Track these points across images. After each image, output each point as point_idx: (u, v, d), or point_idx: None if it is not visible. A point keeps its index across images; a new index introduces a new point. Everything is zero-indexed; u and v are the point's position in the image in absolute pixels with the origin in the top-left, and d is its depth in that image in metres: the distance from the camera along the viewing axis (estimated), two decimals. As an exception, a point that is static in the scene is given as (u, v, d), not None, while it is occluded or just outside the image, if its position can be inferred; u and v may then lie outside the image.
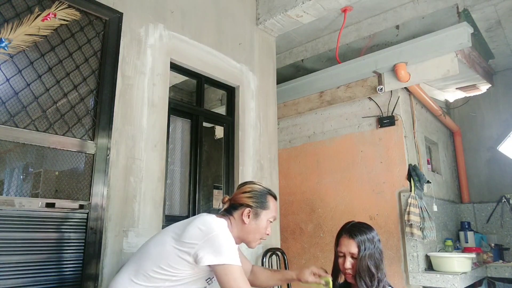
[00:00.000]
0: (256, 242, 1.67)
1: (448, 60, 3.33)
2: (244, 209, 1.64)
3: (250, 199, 1.66)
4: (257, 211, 1.65)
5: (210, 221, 1.53)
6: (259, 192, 1.70)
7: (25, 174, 2.04)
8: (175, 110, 2.86)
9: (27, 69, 2.02)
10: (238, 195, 1.69)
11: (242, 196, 1.67)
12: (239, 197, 1.68)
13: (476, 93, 4.21)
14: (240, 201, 1.66)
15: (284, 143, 4.41)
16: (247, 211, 1.63)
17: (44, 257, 1.93)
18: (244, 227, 1.63)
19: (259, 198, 1.68)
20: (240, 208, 1.65)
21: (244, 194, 1.67)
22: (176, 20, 2.86)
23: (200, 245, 1.45)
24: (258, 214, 1.65)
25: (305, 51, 4.62)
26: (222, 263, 1.44)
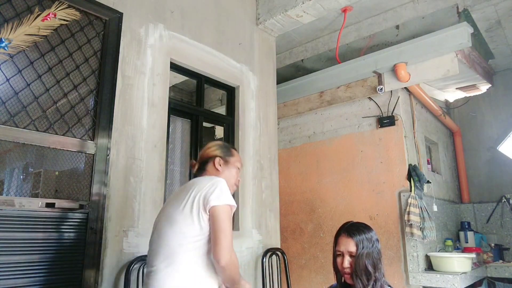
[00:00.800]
0: (232, 188, 1.80)
1: (448, 60, 3.33)
2: (215, 159, 1.80)
3: (217, 151, 1.84)
4: (226, 159, 1.82)
5: (207, 177, 1.72)
6: (221, 144, 1.90)
7: (25, 174, 2.04)
8: (175, 110, 2.86)
9: (27, 69, 2.02)
10: (205, 152, 1.86)
11: (208, 151, 1.85)
12: (206, 153, 1.85)
13: (476, 93, 4.21)
14: (209, 155, 1.83)
15: (284, 143, 4.41)
16: (218, 160, 1.80)
17: (44, 257, 1.93)
18: (219, 175, 1.76)
19: (223, 148, 1.87)
20: (210, 161, 1.81)
21: (210, 150, 1.85)
22: (176, 20, 2.86)
23: (208, 189, 1.58)
24: (227, 161, 1.83)
25: (305, 51, 4.62)
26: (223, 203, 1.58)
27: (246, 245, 3.05)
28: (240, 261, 2.95)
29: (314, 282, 3.86)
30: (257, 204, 3.25)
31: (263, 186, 3.35)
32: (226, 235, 1.49)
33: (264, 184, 3.38)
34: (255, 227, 3.18)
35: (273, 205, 3.44)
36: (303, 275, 3.95)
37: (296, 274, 3.96)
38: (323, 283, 3.76)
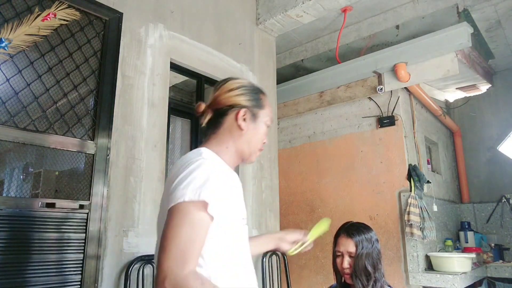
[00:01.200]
0: (257, 154, 1.28)
1: (448, 60, 3.33)
2: (238, 110, 1.20)
3: (243, 97, 1.22)
4: (254, 111, 1.23)
5: (190, 154, 1.17)
6: (251, 87, 1.28)
7: (25, 174, 2.04)
8: (175, 110, 2.86)
9: (27, 69, 2.02)
10: (223, 95, 1.22)
11: (229, 95, 1.21)
12: (225, 97, 1.21)
13: (476, 93, 4.21)
14: (229, 102, 1.21)
15: (284, 143, 4.41)
16: (243, 113, 1.20)
17: (44, 257, 1.93)
18: (242, 136, 1.20)
19: (253, 94, 1.25)
20: (231, 112, 1.20)
21: (232, 92, 1.22)
22: (176, 20, 2.86)
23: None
24: (256, 115, 1.23)
25: (305, 51, 4.61)
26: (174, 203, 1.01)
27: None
28: (240, 261, 2.94)
29: (314, 282, 3.86)
30: (257, 204, 3.25)
31: (263, 186, 3.35)
32: (175, 244, 0.94)
33: (264, 184, 3.37)
34: (255, 227, 3.18)
35: (273, 205, 3.44)
36: (303, 275, 3.95)
37: (296, 274, 3.96)
38: (323, 283, 3.76)
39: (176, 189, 1.00)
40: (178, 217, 0.97)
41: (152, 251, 2.35)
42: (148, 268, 2.32)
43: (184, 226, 0.95)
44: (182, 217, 0.96)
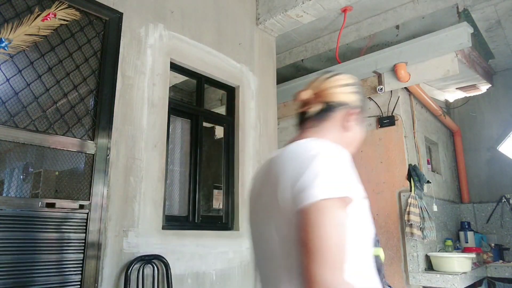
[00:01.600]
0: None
1: (448, 60, 3.33)
2: (350, 110, 1.07)
3: (355, 96, 1.09)
4: (361, 114, 1.11)
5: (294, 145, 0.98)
6: (360, 86, 1.14)
7: (25, 174, 2.04)
8: (175, 110, 2.86)
9: (27, 69, 2.02)
10: (335, 89, 1.08)
11: (343, 91, 1.08)
12: (337, 92, 1.08)
13: (476, 93, 4.22)
14: (341, 98, 1.07)
15: (284, 143, 4.37)
16: (354, 114, 1.08)
17: (44, 257, 1.93)
18: (345, 137, 1.09)
19: (362, 96, 1.12)
20: (340, 109, 1.07)
21: (345, 89, 1.08)
22: (176, 20, 2.86)
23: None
24: (361, 118, 1.11)
25: (305, 51, 4.61)
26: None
27: (246, 245, 3.05)
28: (240, 261, 2.95)
29: (314, 282, 3.86)
30: (257, 204, 3.25)
31: (263, 186, 3.35)
32: (326, 249, 0.79)
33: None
34: (255, 227, 3.18)
35: (273, 205, 3.43)
36: (303, 275, 3.94)
37: (296, 274, 3.95)
38: (323, 283, 3.76)
39: (307, 185, 0.83)
40: (322, 217, 0.81)
41: (152, 251, 2.36)
42: (148, 268, 2.32)
43: (331, 227, 0.81)
44: (326, 216, 0.81)
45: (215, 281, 2.73)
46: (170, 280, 2.37)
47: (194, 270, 2.61)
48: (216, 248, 2.79)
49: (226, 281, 2.81)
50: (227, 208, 3.10)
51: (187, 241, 2.61)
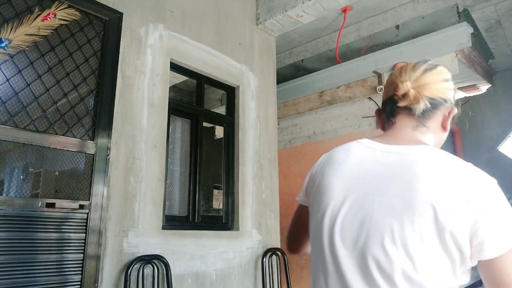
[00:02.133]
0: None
1: (448, 60, 3.33)
2: (452, 109, 0.98)
3: (454, 93, 1.00)
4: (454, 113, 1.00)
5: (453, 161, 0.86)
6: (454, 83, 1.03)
7: (25, 174, 2.04)
8: (175, 110, 2.86)
9: (27, 69, 2.02)
10: (438, 84, 0.96)
11: (446, 87, 0.97)
12: (441, 88, 0.96)
13: (476, 93, 4.21)
14: (444, 95, 0.96)
15: (284, 143, 4.41)
16: (455, 113, 0.99)
17: (44, 257, 1.93)
18: (441, 137, 1.02)
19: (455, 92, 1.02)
20: (442, 107, 0.96)
21: (448, 84, 0.98)
22: (176, 20, 2.86)
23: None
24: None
25: (305, 51, 4.62)
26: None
27: (246, 245, 3.05)
28: (240, 261, 2.95)
29: (314, 282, 3.85)
30: (257, 204, 3.25)
31: (263, 186, 3.35)
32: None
33: (264, 184, 3.37)
34: (255, 227, 3.18)
35: (273, 205, 3.44)
36: (303, 275, 3.95)
37: (296, 274, 3.96)
38: (323, 283, 3.75)
39: (504, 229, 0.80)
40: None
41: (152, 251, 2.36)
42: (148, 268, 2.32)
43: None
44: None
45: (215, 281, 2.73)
46: (170, 280, 2.37)
47: (194, 270, 2.61)
48: (216, 248, 2.79)
49: (226, 281, 2.81)
50: (227, 208, 3.10)
51: (187, 241, 2.61)
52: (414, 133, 0.96)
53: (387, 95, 1.01)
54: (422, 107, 0.94)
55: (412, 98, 0.93)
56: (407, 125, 0.97)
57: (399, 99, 0.95)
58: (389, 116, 1.00)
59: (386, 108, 1.01)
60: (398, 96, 0.96)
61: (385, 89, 1.03)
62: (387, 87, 1.02)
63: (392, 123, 0.99)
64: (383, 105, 1.03)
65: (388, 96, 1.00)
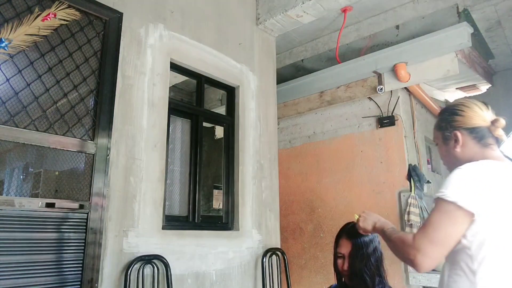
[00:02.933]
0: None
1: (448, 60, 3.33)
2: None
3: None
4: None
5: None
6: None
7: (25, 174, 2.04)
8: (175, 110, 2.86)
9: (27, 69, 2.02)
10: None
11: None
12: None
13: (476, 93, 4.21)
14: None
15: (284, 143, 4.41)
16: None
17: (44, 257, 1.93)
18: None
19: None
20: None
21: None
22: (176, 20, 2.86)
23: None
24: None
25: (305, 51, 4.61)
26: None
27: (246, 245, 3.05)
28: (240, 261, 2.95)
29: (314, 282, 3.86)
30: (257, 204, 3.25)
31: (263, 186, 3.35)
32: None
33: (264, 184, 3.38)
34: (255, 227, 3.18)
35: (273, 205, 3.44)
36: (303, 275, 3.95)
37: (296, 274, 3.96)
38: (323, 283, 3.76)
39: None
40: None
41: (152, 251, 2.36)
42: (148, 268, 2.32)
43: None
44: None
45: (215, 281, 2.73)
46: (170, 280, 2.37)
47: (194, 270, 2.61)
48: (216, 248, 2.79)
49: (226, 281, 2.81)
50: (227, 208, 3.10)
51: (187, 241, 2.61)
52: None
53: (475, 124, 1.28)
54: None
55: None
56: (495, 150, 1.29)
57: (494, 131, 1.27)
58: (491, 144, 1.28)
59: (490, 139, 1.28)
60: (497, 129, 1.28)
61: (471, 117, 1.30)
62: (473, 117, 1.30)
63: (495, 150, 1.28)
64: (471, 130, 1.28)
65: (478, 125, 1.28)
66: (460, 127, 1.28)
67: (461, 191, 1.10)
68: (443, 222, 1.09)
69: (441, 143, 1.35)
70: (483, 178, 1.12)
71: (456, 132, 1.28)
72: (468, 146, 1.27)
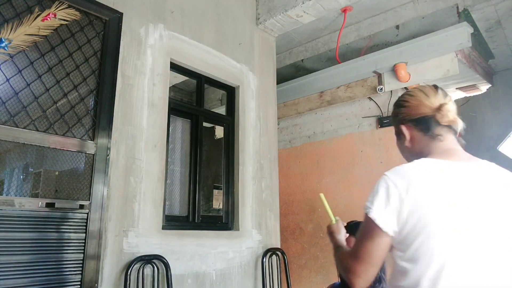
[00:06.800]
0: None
1: (448, 60, 3.33)
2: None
3: None
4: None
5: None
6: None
7: (25, 174, 2.04)
8: (175, 110, 2.86)
9: (27, 69, 2.02)
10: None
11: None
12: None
13: (476, 93, 4.21)
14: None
15: (284, 143, 4.41)
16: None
17: (44, 257, 1.93)
18: None
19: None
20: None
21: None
22: (176, 20, 2.86)
23: None
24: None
25: (305, 51, 4.61)
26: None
27: (246, 245, 3.05)
28: (240, 261, 2.95)
29: (314, 282, 3.86)
30: (257, 204, 3.25)
31: (263, 186, 3.35)
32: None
33: (264, 184, 3.38)
34: (255, 227, 3.18)
35: (273, 205, 3.44)
36: (303, 275, 3.95)
37: (296, 274, 3.96)
38: (323, 283, 3.76)
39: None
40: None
41: (152, 251, 2.36)
42: (148, 268, 2.32)
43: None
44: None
45: (215, 281, 2.73)
46: (170, 280, 2.37)
47: (194, 270, 2.61)
48: (216, 248, 2.79)
49: (226, 281, 2.81)
50: (227, 208, 3.10)
51: (187, 241, 2.61)
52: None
53: (420, 113, 1.13)
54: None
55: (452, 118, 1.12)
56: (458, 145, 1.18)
57: (441, 118, 1.11)
58: (454, 139, 1.18)
59: (453, 134, 1.16)
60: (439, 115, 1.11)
61: (415, 107, 1.14)
62: (417, 106, 1.14)
63: (458, 144, 1.18)
64: (417, 121, 1.14)
65: (423, 114, 1.13)
66: (405, 120, 1.15)
67: (379, 207, 1.01)
68: (364, 238, 1.03)
69: (396, 139, 1.24)
70: (406, 188, 1.00)
71: (401, 126, 1.17)
72: (416, 139, 1.15)
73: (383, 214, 0.99)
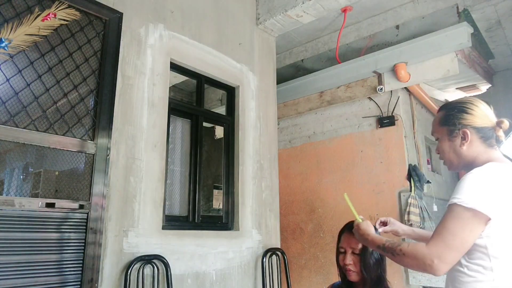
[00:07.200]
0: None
1: (448, 60, 3.33)
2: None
3: None
4: None
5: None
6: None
7: (25, 174, 2.04)
8: (175, 110, 2.86)
9: (27, 69, 2.02)
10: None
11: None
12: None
13: (476, 93, 4.21)
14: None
15: (284, 143, 4.41)
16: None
17: (44, 257, 1.93)
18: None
19: None
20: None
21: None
22: (176, 20, 2.86)
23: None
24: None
25: (305, 51, 4.62)
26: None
27: (246, 245, 3.05)
28: (240, 261, 2.95)
29: (314, 282, 3.86)
30: (257, 204, 3.25)
31: (263, 186, 3.35)
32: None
33: (264, 184, 3.38)
34: (255, 227, 3.18)
35: (273, 205, 3.44)
36: (303, 275, 3.95)
37: (296, 274, 3.96)
38: (323, 283, 3.76)
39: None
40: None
41: (152, 251, 2.36)
42: (148, 268, 2.32)
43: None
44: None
45: (215, 281, 2.73)
46: (170, 280, 2.37)
47: (194, 270, 2.61)
48: (216, 248, 2.79)
49: (226, 281, 2.81)
50: (227, 208, 3.10)
51: (187, 241, 2.61)
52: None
53: (484, 124, 1.29)
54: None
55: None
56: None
57: (497, 131, 1.29)
58: (495, 145, 1.30)
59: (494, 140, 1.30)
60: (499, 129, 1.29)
61: (480, 117, 1.30)
62: (483, 117, 1.30)
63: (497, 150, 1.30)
64: (479, 129, 1.29)
65: (485, 125, 1.29)
66: (469, 125, 1.29)
67: (477, 197, 1.12)
68: (460, 228, 1.12)
69: (445, 139, 1.34)
70: (494, 182, 1.15)
71: (465, 130, 1.29)
72: (473, 145, 1.28)
73: (482, 202, 1.11)
